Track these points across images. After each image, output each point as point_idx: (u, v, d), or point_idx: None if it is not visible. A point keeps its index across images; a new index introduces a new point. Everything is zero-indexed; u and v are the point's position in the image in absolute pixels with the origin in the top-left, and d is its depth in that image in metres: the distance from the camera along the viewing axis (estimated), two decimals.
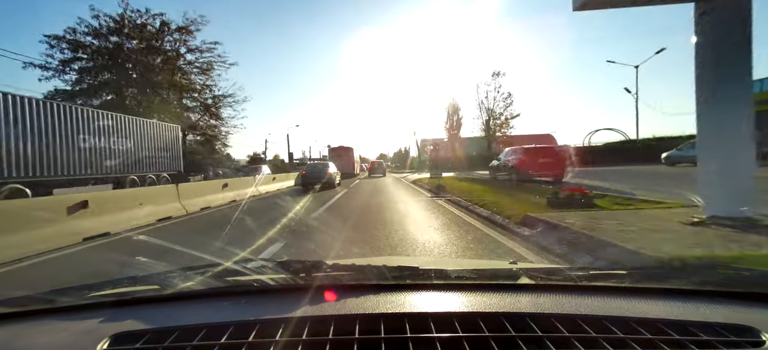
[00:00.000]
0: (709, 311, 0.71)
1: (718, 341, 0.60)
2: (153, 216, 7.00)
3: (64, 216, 5.30)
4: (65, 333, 0.70)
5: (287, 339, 0.62)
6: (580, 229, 3.95)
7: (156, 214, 7.13)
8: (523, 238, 4.31)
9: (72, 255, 4.59)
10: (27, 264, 4.16)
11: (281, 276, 0.93)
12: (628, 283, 0.88)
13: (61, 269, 3.97)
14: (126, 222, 6.21)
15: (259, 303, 0.80)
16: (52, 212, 5.15)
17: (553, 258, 3.51)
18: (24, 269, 3.98)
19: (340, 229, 5.54)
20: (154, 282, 1.01)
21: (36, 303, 0.85)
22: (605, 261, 3.09)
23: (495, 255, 3.79)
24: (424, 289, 0.83)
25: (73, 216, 5.43)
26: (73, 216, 5.42)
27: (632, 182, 10.32)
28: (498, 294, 0.79)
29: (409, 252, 3.97)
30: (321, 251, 4.18)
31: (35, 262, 4.23)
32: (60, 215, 5.24)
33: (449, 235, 4.72)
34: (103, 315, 0.77)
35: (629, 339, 0.60)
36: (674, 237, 3.53)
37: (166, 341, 0.65)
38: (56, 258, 4.38)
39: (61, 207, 5.29)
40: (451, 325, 0.65)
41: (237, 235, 5.39)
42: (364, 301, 0.76)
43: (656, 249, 3.07)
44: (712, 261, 2.70)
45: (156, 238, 5.54)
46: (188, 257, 3.65)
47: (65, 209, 5.33)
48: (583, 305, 0.74)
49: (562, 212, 5.19)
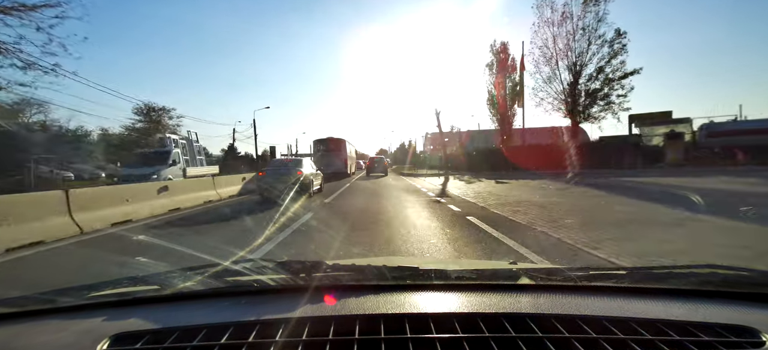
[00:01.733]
0: (709, 311, 0.71)
1: (718, 341, 0.60)
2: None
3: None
4: (65, 333, 0.70)
5: (287, 340, 0.62)
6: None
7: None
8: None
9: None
10: None
11: (281, 277, 0.93)
12: (628, 283, 0.88)
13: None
14: None
15: (259, 304, 0.80)
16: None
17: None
18: None
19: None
20: (154, 282, 1.01)
21: (36, 303, 0.85)
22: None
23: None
24: (424, 290, 0.83)
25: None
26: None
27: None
28: (498, 294, 0.79)
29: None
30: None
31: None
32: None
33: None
34: (103, 315, 0.77)
35: (629, 340, 0.60)
36: None
37: (166, 341, 0.65)
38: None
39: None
40: (451, 326, 0.65)
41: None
42: (364, 301, 0.76)
43: None
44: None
45: None
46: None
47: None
48: (583, 305, 0.74)
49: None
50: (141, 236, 5.43)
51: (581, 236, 4.37)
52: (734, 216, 5.41)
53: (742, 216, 5.39)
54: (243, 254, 4.08)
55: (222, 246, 4.52)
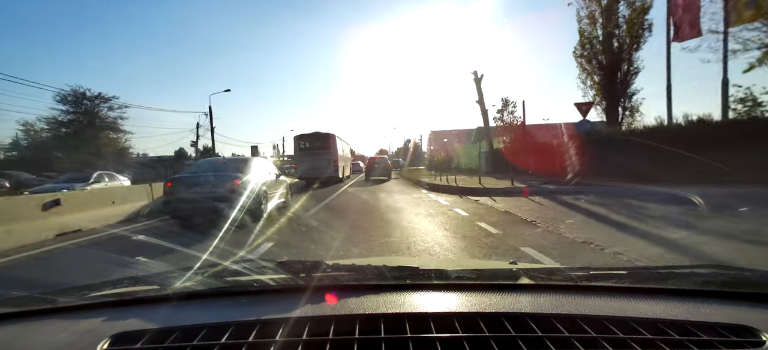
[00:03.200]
0: (709, 311, 0.71)
1: (719, 341, 0.60)
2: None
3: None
4: (65, 333, 0.70)
5: (287, 339, 0.62)
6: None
7: None
8: None
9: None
10: None
11: (281, 277, 0.93)
12: (628, 283, 0.88)
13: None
14: None
15: (259, 303, 0.80)
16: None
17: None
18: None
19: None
20: (154, 282, 1.02)
21: (36, 303, 0.85)
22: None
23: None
24: (424, 289, 0.83)
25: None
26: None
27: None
28: (498, 294, 0.79)
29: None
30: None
31: None
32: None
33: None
34: (103, 315, 0.77)
35: (629, 340, 0.60)
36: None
37: (166, 341, 0.65)
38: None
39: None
40: (451, 325, 0.65)
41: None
42: (364, 301, 0.76)
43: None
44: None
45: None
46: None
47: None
48: (583, 305, 0.74)
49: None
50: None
51: None
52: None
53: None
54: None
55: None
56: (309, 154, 17.65)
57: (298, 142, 18.22)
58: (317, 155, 17.38)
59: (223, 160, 8.29)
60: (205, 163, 7.65)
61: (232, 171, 6.52)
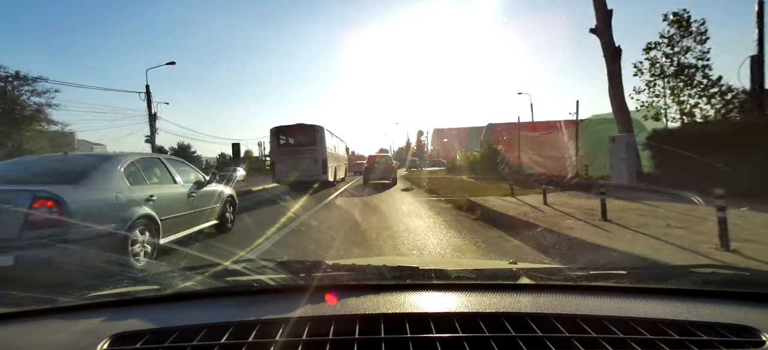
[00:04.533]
0: (709, 311, 0.71)
1: (718, 341, 0.60)
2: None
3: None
4: (65, 333, 0.70)
5: (287, 339, 0.62)
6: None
7: None
8: None
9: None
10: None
11: (281, 277, 0.93)
12: (628, 283, 0.88)
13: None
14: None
15: (259, 303, 0.80)
16: None
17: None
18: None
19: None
20: (154, 282, 1.02)
21: (36, 303, 0.85)
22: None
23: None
24: (424, 289, 0.83)
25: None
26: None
27: None
28: (498, 294, 0.79)
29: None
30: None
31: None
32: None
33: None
34: (103, 315, 0.77)
35: (629, 339, 0.60)
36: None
37: (166, 341, 0.65)
38: None
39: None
40: (451, 325, 0.65)
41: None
42: (364, 301, 0.76)
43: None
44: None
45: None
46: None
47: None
48: (583, 305, 0.74)
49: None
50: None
51: None
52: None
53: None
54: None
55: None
56: (290, 151, 13.73)
57: (278, 137, 13.92)
58: (301, 153, 13.49)
59: (63, 157, 3.89)
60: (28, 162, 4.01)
61: (53, 179, 3.15)
